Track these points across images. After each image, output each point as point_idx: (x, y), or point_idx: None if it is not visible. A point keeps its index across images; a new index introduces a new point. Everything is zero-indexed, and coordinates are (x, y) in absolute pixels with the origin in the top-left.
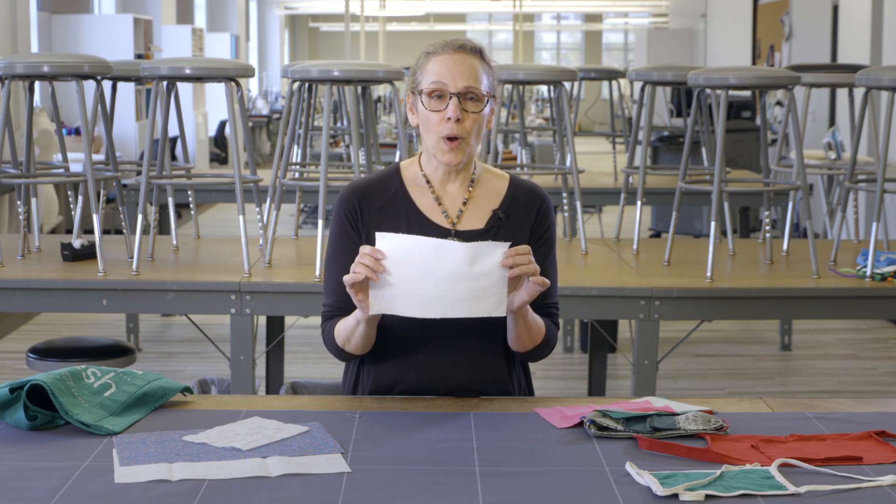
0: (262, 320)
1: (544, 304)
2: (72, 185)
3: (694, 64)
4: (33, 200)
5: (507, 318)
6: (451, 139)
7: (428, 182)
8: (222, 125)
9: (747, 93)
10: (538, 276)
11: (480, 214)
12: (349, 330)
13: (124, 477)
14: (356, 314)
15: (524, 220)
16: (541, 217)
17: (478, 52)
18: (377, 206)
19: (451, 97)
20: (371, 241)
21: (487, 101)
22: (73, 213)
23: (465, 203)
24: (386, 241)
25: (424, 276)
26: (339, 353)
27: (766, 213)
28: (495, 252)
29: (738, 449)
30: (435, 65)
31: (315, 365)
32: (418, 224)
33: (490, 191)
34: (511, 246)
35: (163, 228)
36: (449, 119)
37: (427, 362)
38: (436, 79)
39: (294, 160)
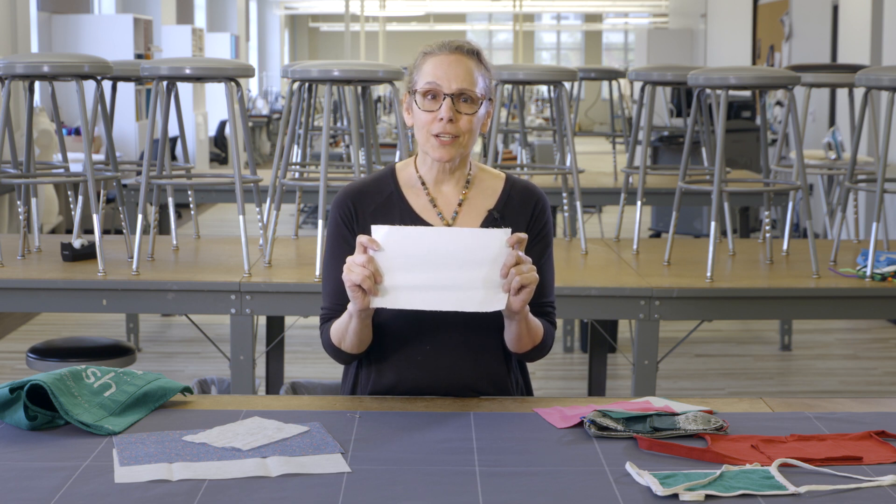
0: (262, 320)
1: (540, 303)
2: (72, 185)
3: (694, 64)
4: (33, 200)
5: (506, 321)
6: (443, 137)
7: (423, 183)
8: (222, 125)
9: (747, 93)
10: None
11: (475, 215)
12: (343, 327)
13: (124, 477)
14: (348, 308)
15: (520, 219)
16: (536, 216)
17: (474, 54)
18: (372, 208)
19: (444, 98)
20: None
21: (482, 103)
22: (73, 213)
23: (460, 204)
24: (382, 233)
25: (425, 266)
26: (336, 353)
27: (766, 213)
28: (497, 240)
29: (738, 449)
30: (430, 65)
31: (315, 365)
32: (413, 225)
33: (485, 190)
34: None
35: (163, 228)
36: (441, 119)
37: (426, 362)
38: (431, 79)
39: (294, 160)
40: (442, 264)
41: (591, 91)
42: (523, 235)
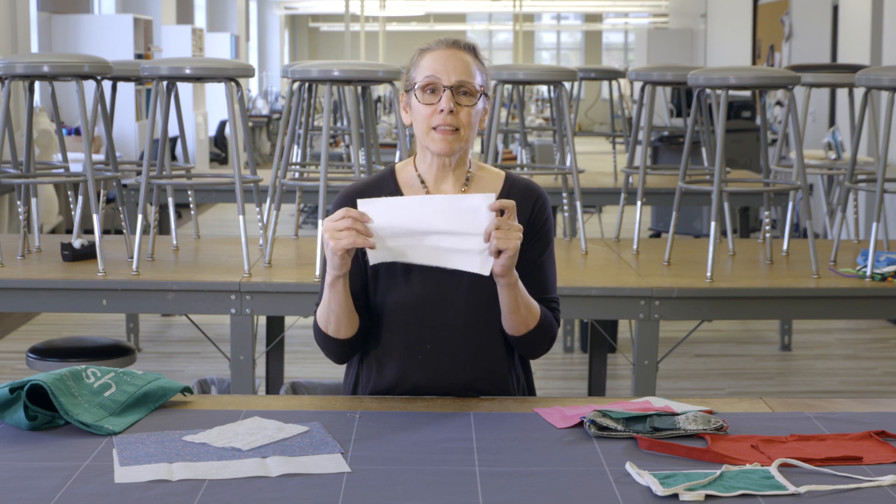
0: (262, 320)
1: (543, 298)
2: (72, 185)
3: (694, 64)
4: (33, 200)
5: (499, 291)
6: (443, 129)
7: (423, 182)
8: (222, 125)
9: (747, 93)
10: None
11: None
12: (325, 306)
13: (124, 477)
14: (326, 281)
15: (520, 216)
16: (536, 212)
17: (471, 50)
18: None
19: (444, 90)
20: None
21: (480, 96)
22: (73, 213)
23: None
24: (369, 206)
25: (414, 233)
26: (325, 342)
27: (766, 213)
28: (482, 204)
29: (738, 449)
30: (428, 60)
31: (315, 365)
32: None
33: (485, 188)
34: (501, 217)
35: (163, 228)
36: (441, 111)
37: (426, 362)
38: (429, 73)
39: (294, 160)
40: (430, 231)
41: (591, 91)
42: (508, 202)
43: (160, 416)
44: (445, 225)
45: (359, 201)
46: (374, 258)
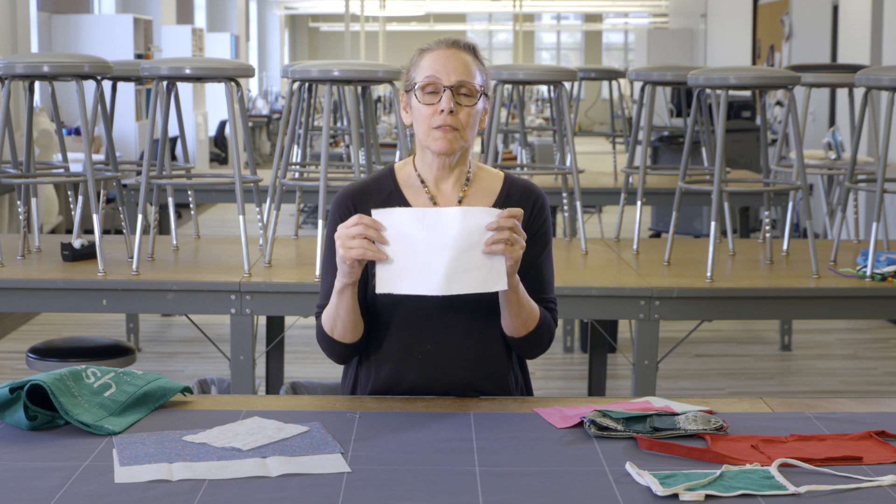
0: (262, 320)
1: (541, 299)
2: (72, 185)
3: (694, 64)
4: (33, 200)
5: (500, 294)
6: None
7: (422, 182)
8: (222, 125)
9: (747, 93)
10: (518, 249)
11: None
12: (332, 310)
13: (124, 477)
14: (335, 287)
15: None
16: (535, 213)
17: (471, 50)
18: (372, 208)
19: (444, 90)
20: None
21: (480, 97)
22: (73, 213)
23: (459, 202)
24: (384, 216)
25: (428, 248)
26: (329, 344)
27: (766, 213)
28: (491, 219)
29: (738, 449)
30: (429, 60)
31: (315, 365)
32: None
33: (485, 189)
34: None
35: (163, 228)
36: (442, 111)
37: (426, 361)
38: (429, 73)
39: (294, 160)
40: (442, 246)
41: (591, 91)
42: (516, 210)
43: (160, 416)
44: (459, 240)
45: (373, 211)
46: (381, 287)
